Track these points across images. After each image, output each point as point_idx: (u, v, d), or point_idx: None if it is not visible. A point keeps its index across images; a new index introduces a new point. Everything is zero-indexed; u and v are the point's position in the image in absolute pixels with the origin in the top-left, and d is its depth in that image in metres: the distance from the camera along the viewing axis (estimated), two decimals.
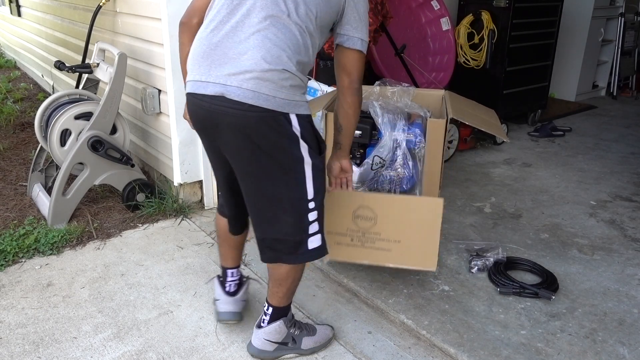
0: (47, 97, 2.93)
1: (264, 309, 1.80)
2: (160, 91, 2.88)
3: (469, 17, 4.05)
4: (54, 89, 5.22)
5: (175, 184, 2.94)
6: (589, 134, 4.40)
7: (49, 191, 2.89)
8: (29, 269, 2.40)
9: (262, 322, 1.80)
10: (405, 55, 3.59)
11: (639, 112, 5.22)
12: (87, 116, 2.75)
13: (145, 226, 2.81)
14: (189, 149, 2.85)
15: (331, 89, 3.04)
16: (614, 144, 4.14)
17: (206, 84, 1.46)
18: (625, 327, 1.96)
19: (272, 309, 1.78)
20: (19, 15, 5.89)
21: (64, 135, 2.76)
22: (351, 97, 1.63)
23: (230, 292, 1.95)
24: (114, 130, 2.82)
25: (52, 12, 4.64)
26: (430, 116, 2.41)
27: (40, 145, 3.01)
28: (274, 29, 1.43)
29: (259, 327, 1.81)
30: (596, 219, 2.83)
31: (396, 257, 1.92)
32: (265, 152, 1.50)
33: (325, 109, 2.35)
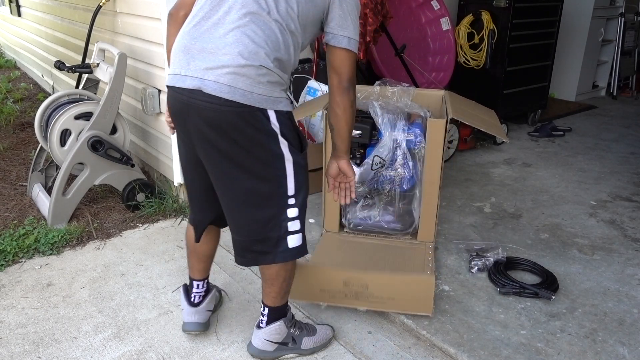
0: (47, 97, 2.93)
1: (261, 309, 1.80)
2: (160, 91, 2.88)
3: (469, 17, 4.05)
4: (54, 89, 5.22)
5: (175, 184, 2.94)
6: (589, 134, 4.40)
7: (49, 191, 2.89)
8: (29, 269, 2.40)
9: (261, 323, 1.80)
10: (405, 55, 3.59)
11: (639, 112, 5.22)
12: (87, 116, 2.75)
13: (145, 226, 2.81)
14: None
15: None
16: (614, 144, 4.14)
17: (184, 78, 1.47)
18: (625, 327, 1.96)
19: (267, 310, 1.78)
20: (19, 15, 5.89)
21: (64, 135, 2.76)
22: (340, 97, 1.60)
23: (194, 303, 1.92)
24: (114, 130, 2.82)
25: (52, 12, 4.64)
26: (430, 116, 2.41)
27: (40, 145, 3.01)
28: (253, 25, 1.43)
29: (259, 327, 1.81)
30: (596, 219, 2.83)
31: (392, 307, 2.01)
32: (242, 147, 1.49)
33: (325, 109, 2.35)
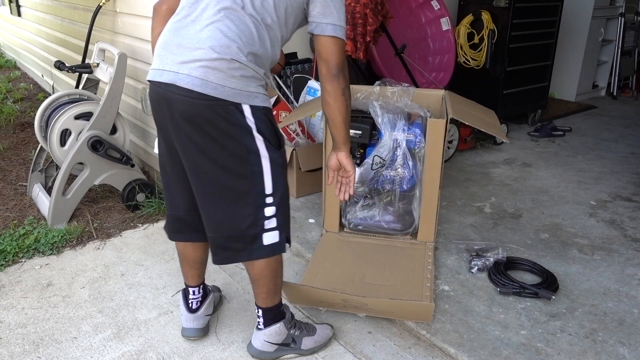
0: (47, 97, 2.93)
1: (256, 312, 1.80)
2: None
3: (469, 17, 4.05)
4: (54, 89, 5.22)
5: None
6: (589, 134, 4.40)
7: (49, 191, 2.89)
8: (29, 269, 2.40)
9: (259, 325, 1.80)
10: (405, 55, 3.59)
11: (639, 112, 5.22)
12: (87, 116, 2.75)
13: (145, 226, 2.81)
14: None
15: None
16: (614, 144, 4.14)
17: (162, 72, 1.49)
18: (625, 327, 1.96)
19: (261, 311, 1.77)
20: (19, 15, 5.89)
21: (64, 135, 2.76)
22: (329, 84, 1.58)
23: (192, 309, 1.92)
24: (114, 130, 2.82)
25: (52, 12, 4.64)
26: (430, 116, 2.41)
27: (40, 145, 3.01)
28: (226, 20, 1.45)
29: (258, 329, 1.81)
30: (596, 219, 2.83)
31: (392, 315, 2.02)
32: (216, 141, 1.49)
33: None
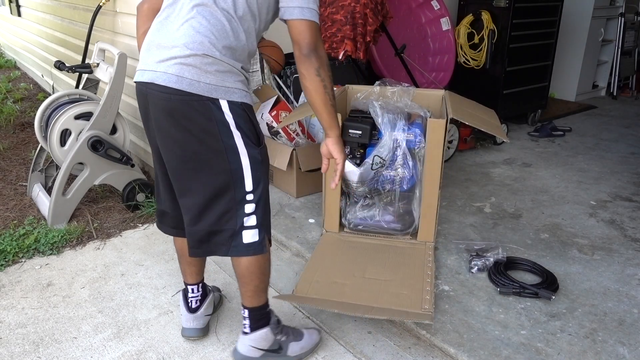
0: (47, 97, 2.93)
1: (242, 313, 1.76)
2: None
3: (469, 17, 4.05)
4: (54, 89, 5.22)
5: None
6: (589, 134, 4.40)
7: (49, 191, 2.89)
8: (29, 269, 2.40)
9: (245, 328, 1.76)
10: (405, 55, 3.59)
11: (639, 112, 5.22)
12: (87, 116, 2.75)
13: (145, 226, 2.81)
14: None
15: None
16: (614, 144, 4.13)
17: (143, 72, 1.53)
18: (625, 327, 1.96)
19: (247, 312, 1.74)
20: (19, 15, 5.89)
21: (64, 135, 2.76)
22: (302, 66, 1.56)
23: (192, 309, 1.91)
24: (114, 130, 2.82)
25: (52, 12, 4.64)
26: (430, 116, 2.41)
27: (40, 145, 3.01)
28: (199, 17, 1.47)
29: (244, 333, 1.77)
30: (596, 219, 2.83)
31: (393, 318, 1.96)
32: (195, 137, 1.51)
33: None
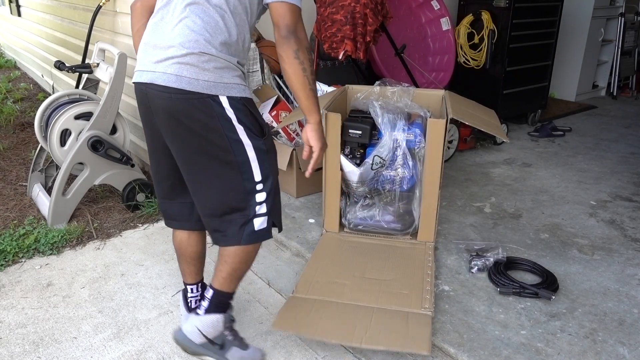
0: (47, 97, 2.93)
1: (206, 293, 1.72)
2: None
3: (469, 17, 4.05)
4: (54, 89, 5.22)
5: None
6: (589, 134, 4.40)
7: (49, 191, 2.89)
8: (29, 269, 2.40)
9: (199, 309, 1.71)
10: (405, 55, 3.59)
11: (639, 112, 5.22)
12: (87, 116, 2.75)
13: (145, 226, 2.81)
14: None
15: (331, 89, 3.04)
16: (614, 144, 4.14)
17: (141, 73, 1.55)
18: (625, 327, 1.96)
19: (212, 293, 1.70)
20: (19, 15, 5.89)
21: (64, 135, 2.76)
22: (280, 48, 1.54)
23: (192, 309, 1.89)
24: (114, 130, 2.82)
25: (52, 12, 4.64)
26: (430, 116, 2.41)
27: (40, 145, 3.01)
28: (193, 15, 1.48)
29: (196, 313, 1.71)
30: (596, 219, 2.83)
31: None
32: (199, 134, 1.52)
33: (325, 109, 2.35)
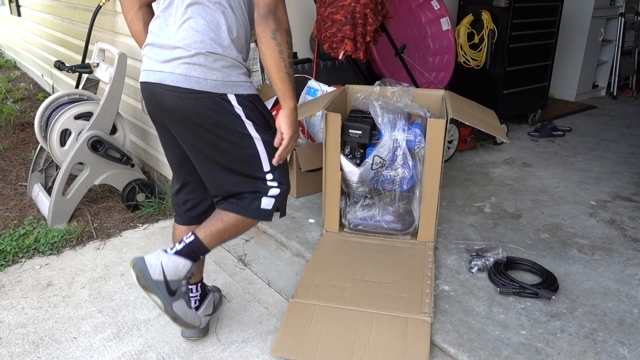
0: (47, 97, 2.93)
1: (185, 237, 1.65)
2: None
3: (469, 17, 4.05)
4: (54, 89, 5.22)
5: None
6: (589, 134, 4.40)
7: (49, 191, 2.89)
8: (29, 269, 2.40)
9: (172, 248, 1.63)
10: (405, 55, 3.59)
11: (639, 112, 5.22)
12: (87, 116, 2.76)
13: (145, 226, 2.81)
14: None
15: (331, 89, 3.04)
16: (614, 144, 4.14)
17: (149, 73, 1.56)
18: (625, 327, 1.96)
19: (193, 238, 1.63)
20: (19, 15, 5.89)
21: (64, 135, 2.76)
22: (258, 28, 1.48)
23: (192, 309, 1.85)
24: (114, 130, 2.82)
25: (52, 12, 4.64)
26: (430, 116, 2.41)
27: (40, 145, 3.01)
28: (196, 16, 1.50)
29: (165, 251, 1.62)
30: (596, 219, 2.83)
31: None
32: (210, 131, 1.55)
33: (325, 109, 2.35)
